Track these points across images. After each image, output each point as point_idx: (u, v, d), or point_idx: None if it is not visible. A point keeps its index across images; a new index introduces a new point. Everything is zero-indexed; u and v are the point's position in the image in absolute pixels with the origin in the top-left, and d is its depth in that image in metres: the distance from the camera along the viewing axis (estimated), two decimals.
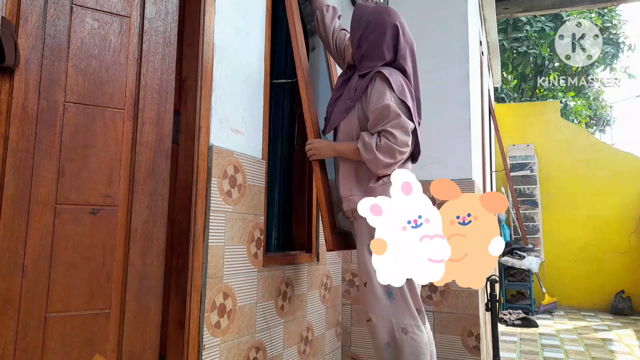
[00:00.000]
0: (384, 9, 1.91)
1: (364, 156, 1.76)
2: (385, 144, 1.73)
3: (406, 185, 1.14)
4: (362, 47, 1.88)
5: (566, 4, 5.29)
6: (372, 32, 1.86)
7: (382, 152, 1.73)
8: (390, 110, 1.74)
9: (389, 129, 1.74)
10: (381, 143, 1.74)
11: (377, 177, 1.82)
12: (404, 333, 1.71)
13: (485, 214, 1.10)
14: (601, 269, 6.44)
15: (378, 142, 1.75)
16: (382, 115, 1.75)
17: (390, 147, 1.73)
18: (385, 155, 1.73)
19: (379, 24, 1.86)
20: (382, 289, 1.74)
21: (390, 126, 1.74)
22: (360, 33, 1.89)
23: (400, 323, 1.72)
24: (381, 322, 1.73)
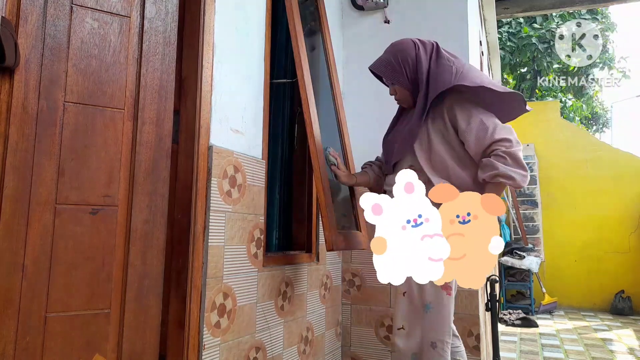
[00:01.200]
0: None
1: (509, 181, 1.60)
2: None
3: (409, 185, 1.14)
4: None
5: (566, 4, 5.28)
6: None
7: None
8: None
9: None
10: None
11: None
12: (432, 347, 1.70)
13: (485, 213, 1.10)
14: (601, 269, 6.44)
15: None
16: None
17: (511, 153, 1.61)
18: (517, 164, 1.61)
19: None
20: (421, 301, 1.71)
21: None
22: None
23: (431, 337, 1.70)
24: (414, 333, 1.71)
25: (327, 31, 2.53)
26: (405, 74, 1.80)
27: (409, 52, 1.81)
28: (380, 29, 2.85)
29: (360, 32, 2.90)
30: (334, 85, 2.50)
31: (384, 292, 2.63)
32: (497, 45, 5.74)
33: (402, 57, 1.81)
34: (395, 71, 1.82)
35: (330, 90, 2.49)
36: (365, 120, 2.77)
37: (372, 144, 2.68)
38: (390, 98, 1.93)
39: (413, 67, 1.79)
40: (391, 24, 2.83)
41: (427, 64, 1.78)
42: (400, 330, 1.73)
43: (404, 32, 2.78)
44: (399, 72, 1.81)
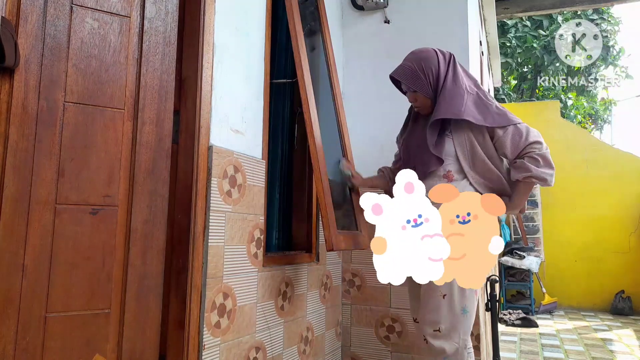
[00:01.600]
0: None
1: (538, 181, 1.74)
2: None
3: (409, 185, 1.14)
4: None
5: (566, 4, 5.29)
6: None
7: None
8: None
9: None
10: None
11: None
12: (465, 349, 1.76)
13: (485, 213, 1.10)
14: (601, 269, 6.44)
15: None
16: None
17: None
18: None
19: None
20: (460, 304, 1.74)
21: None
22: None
23: (466, 339, 1.76)
24: (451, 335, 1.75)
25: (327, 31, 2.53)
26: (428, 82, 1.86)
27: (432, 61, 1.87)
28: (380, 29, 2.85)
29: (360, 32, 2.90)
30: (334, 85, 2.50)
31: (384, 292, 2.63)
32: (497, 45, 5.74)
33: (425, 65, 1.87)
34: (419, 79, 1.86)
35: (330, 90, 2.49)
36: (365, 120, 2.77)
37: (372, 144, 2.69)
38: (389, 98, 1.94)
39: (436, 76, 1.86)
40: (391, 24, 2.83)
41: (444, 75, 1.86)
42: (436, 332, 1.75)
43: (404, 32, 2.79)
44: (423, 80, 1.86)
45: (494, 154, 1.82)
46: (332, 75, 2.51)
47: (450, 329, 1.74)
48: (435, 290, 1.75)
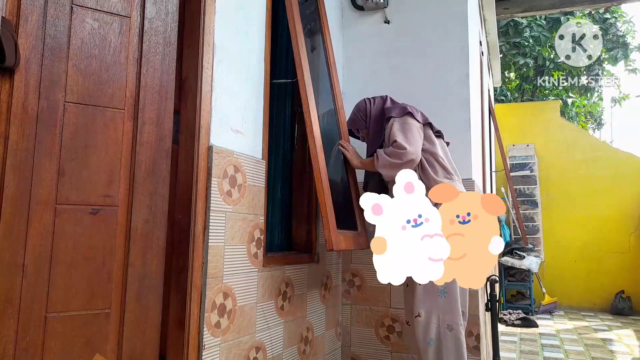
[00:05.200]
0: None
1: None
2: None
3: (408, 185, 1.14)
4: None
5: (566, 4, 5.28)
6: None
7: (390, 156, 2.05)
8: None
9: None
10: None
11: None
12: (449, 330, 1.81)
13: (484, 213, 1.10)
14: (601, 269, 6.43)
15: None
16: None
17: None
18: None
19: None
20: (434, 286, 1.79)
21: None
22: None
23: (446, 320, 1.82)
24: (430, 318, 1.81)
25: (327, 31, 2.53)
26: (362, 118, 2.40)
27: (361, 105, 2.44)
28: (380, 29, 2.85)
29: (360, 32, 2.90)
30: (334, 85, 2.50)
31: (384, 292, 2.63)
32: (497, 45, 5.74)
33: (357, 110, 2.45)
34: (356, 120, 2.44)
35: (330, 90, 2.49)
36: None
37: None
38: None
39: (364, 112, 2.40)
40: (391, 24, 2.83)
41: (375, 108, 2.38)
42: (417, 319, 1.82)
43: (404, 32, 2.79)
44: (358, 119, 2.44)
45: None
46: (332, 75, 2.51)
47: (430, 312, 1.81)
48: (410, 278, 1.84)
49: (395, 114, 2.15)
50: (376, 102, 2.34)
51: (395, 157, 2.01)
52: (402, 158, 2.00)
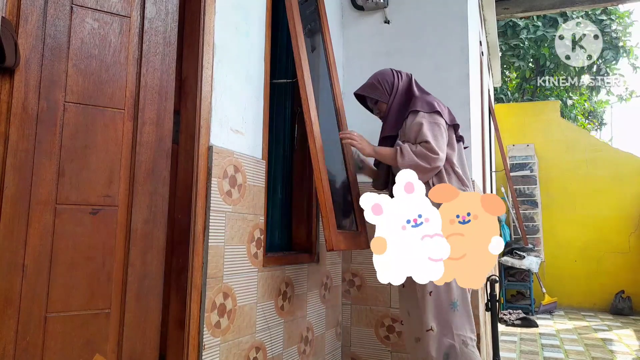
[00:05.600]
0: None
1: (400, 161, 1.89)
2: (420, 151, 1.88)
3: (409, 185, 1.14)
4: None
5: (566, 4, 5.28)
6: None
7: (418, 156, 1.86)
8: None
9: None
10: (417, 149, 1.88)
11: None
12: (464, 345, 1.70)
13: (484, 213, 1.10)
14: (601, 269, 6.44)
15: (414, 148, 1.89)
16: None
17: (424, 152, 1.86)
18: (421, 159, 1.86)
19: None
20: (447, 299, 1.70)
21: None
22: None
23: (461, 335, 1.70)
24: (443, 333, 1.70)
25: (327, 31, 2.53)
26: (385, 90, 2.17)
27: (387, 75, 2.17)
28: (380, 29, 2.85)
29: (360, 32, 2.90)
30: (334, 85, 2.50)
31: (384, 292, 2.63)
32: (497, 45, 5.74)
33: (381, 78, 2.19)
34: (376, 89, 2.19)
35: (331, 90, 2.49)
36: (365, 120, 2.77)
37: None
38: None
39: (390, 84, 2.16)
40: (391, 24, 2.83)
41: (402, 84, 2.16)
42: (428, 333, 1.71)
43: (404, 32, 2.79)
44: (379, 89, 2.18)
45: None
46: (332, 75, 2.51)
47: (443, 327, 1.70)
48: (422, 288, 1.73)
49: (423, 107, 1.96)
50: (403, 79, 2.13)
51: (425, 160, 1.85)
52: (432, 164, 1.85)
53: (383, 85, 2.11)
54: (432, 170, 1.84)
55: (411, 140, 1.93)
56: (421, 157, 1.84)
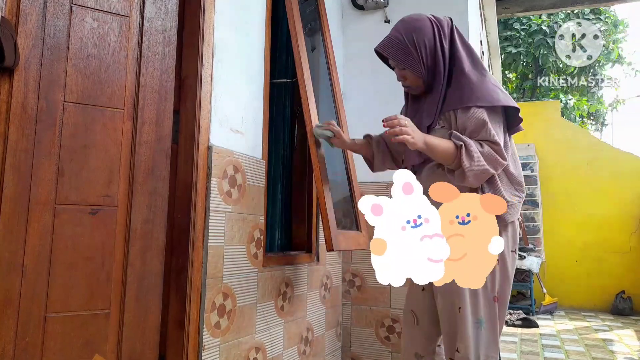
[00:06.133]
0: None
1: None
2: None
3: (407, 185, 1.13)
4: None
5: (566, 3, 5.28)
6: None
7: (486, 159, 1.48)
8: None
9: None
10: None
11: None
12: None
13: (484, 213, 1.10)
14: (602, 269, 6.43)
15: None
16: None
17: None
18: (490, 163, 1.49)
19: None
20: (474, 316, 1.51)
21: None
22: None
23: (488, 355, 1.52)
24: (472, 355, 1.49)
25: (327, 31, 2.53)
26: (421, 59, 1.57)
27: (427, 34, 1.58)
28: (381, 29, 2.84)
29: (360, 32, 2.90)
30: (334, 85, 2.50)
31: (384, 293, 2.63)
32: (497, 45, 5.74)
33: (418, 38, 1.57)
34: (409, 54, 1.57)
35: (331, 90, 2.49)
36: (365, 120, 2.77)
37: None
38: (389, 97, 1.92)
39: (431, 52, 1.58)
40: (391, 23, 2.82)
41: (441, 51, 1.59)
42: (456, 354, 1.51)
43: None
44: (414, 56, 1.57)
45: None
46: (332, 74, 2.51)
47: (472, 347, 1.50)
48: (452, 303, 1.54)
49: (484, 98, 1.52)
50: (446, 42, 1.63)
51: (494, 166, 1.48)
52: (498, 169, 1.50)
53: (419, 51, 1.57)
54: (490, 175, 1.50)
55: (464, 134, 1.52)
56: (491, 162, 1.47)
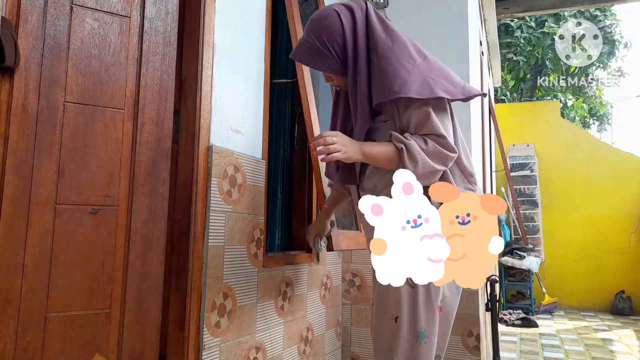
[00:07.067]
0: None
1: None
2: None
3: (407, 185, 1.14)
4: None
5: (566, 3, 5.29)
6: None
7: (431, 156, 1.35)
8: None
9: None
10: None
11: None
12: None
13: (484, 213, 1.10)
14: (601, 269, 6.44)
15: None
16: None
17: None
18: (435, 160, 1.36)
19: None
20: (413, 328, 1.37)
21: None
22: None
23: None
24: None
25: None
26: (337, 58, 1.44)
27: (336, 30, 1.43)
28: None
29: None
30: None
31: None
32: (497, 45, 5.74)
33: (328, 38, 1.43)
34: (325, 57, 1.44)
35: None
36: None
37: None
38: None
39: (344, 48, 1.43)
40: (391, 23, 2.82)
41: (352, 43, 1.45)
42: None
43: (404, 32, 2.78)
44: (330, 58, 1.44)
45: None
46: None
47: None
48: (383, 312, 1.42)
49: (421, 91, 1.33)
50: (358, 26, 1.46)
51: (442, 161, 1.35)
52: (448, 163, 1.37)
53: (334, 51, 1.43)
54: (441, 172, 1.38)
55: (408, 129, 1.39)
56: (438, 159, 1.34)
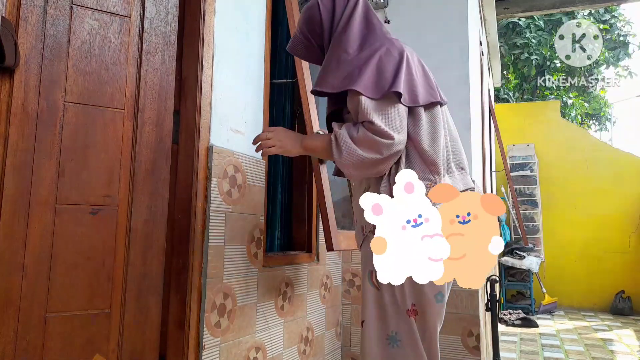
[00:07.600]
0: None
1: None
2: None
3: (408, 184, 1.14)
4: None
5: (566, 4, 5.29)
6: None
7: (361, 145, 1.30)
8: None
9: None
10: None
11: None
12: None
13: (484, 213, 1.10)
14: (601, 269, 6.44)
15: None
16: None
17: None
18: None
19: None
20: (382, 332, 1.30)
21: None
22: None
23: None
24: None
25: None
26: (320, 48, 1.53)
27: (315, 20, 1.49)
28: None
29: None
30: None
31: None
32: (497, 45, 5.74)
33: (310, 29, 1.51)
34: (309, 48, 1.55)
35: None
36: None
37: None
38: None
39: (321, 37, 1.51)
40: (391, 23, 2.83)
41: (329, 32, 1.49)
42: None
43: (403, 32, 2.79)
44: (314, 49, 1.54)
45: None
46: None
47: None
48: (362, 313, 1.36)
49: (366, 89, 1.30)
50: (335, 25, 1.46)
51: (372, 147, 1.27)
52: (384, 152, 1.27)
53: (313, 40, 1.51)
54: (388, 160, 1.29)
55: (353, 117, 1.35)
56: (368, 146, 1.26)
